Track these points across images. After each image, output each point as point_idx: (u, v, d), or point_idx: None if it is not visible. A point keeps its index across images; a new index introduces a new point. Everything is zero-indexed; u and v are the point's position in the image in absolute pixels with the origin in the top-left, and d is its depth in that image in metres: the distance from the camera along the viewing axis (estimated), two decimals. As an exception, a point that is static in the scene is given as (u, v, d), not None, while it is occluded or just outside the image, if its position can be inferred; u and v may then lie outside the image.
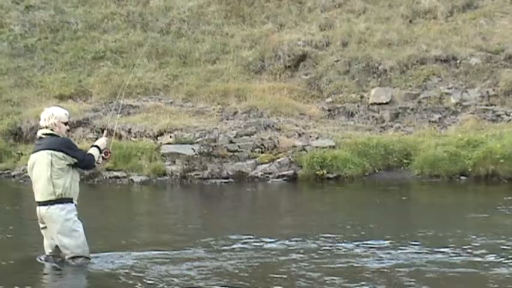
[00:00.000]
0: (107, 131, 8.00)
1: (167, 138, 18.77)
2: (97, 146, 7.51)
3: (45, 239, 7.40)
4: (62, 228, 7.14)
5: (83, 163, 7.28)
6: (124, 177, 17.77)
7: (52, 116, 7.25)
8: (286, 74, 22.53)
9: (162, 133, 19.16)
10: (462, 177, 16.66)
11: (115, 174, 17.79)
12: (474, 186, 15.99)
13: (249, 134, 18.69)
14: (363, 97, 20.81)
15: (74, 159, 7.19)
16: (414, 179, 16.91)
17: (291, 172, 17.29)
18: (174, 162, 17.90)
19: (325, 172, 17.07)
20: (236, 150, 18.00)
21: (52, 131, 7.23)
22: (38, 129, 7.40)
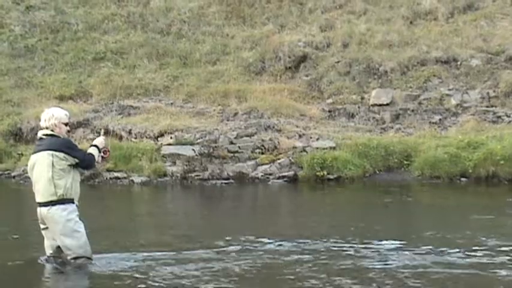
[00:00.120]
0: (104, 130, 8.03)
1: (167, 139, 18.77)
2: (96, 146, 7.51)
3: (46, 239, 7.37)
4: (64, 228, 7.12)
5: (83, 163, 7.28)
6: (124, 178, 17.76)
7: (52, 117, 7.23)
8: (286, 75, 22.53)
9: (162, 134, 19.16)
10: (462, 179, 16.64)
11: (115, 175, 17.78)
12: (474, 187, 15.96)
13: (249, 135, 18.69)
14: (363, 98, 20.81)
15: (75, 160, 7.18)
16: (414, 180, 16.90)
17: (291, 173, 17.28)
18: (174, 163, 17.89)
19: (325, 173, 17.06)
20: (236, 151, 17.99)
21: (52, 131, 7.22)
22: (38, 130, 7.39)
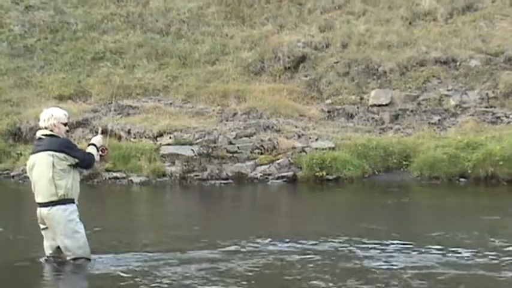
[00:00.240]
0: (101, 129, 8.07)
1: (167, 139, 18.77)
2: (94, 144, 7.51)
3: (46, 240, 7.37)
4: (65, 229, 7.13)
5: (84, 163, 7.28)
6: (123, 178, 17.76)
7: (51, 117, 7.22)
8: (285, 75, 22.53)
9: (161, 134, 19.16)
10: (461, 179, 16.63)
11: (114, 174, 17.78)
12: (474, 188, 15.94)
13: (248, 135, 18.69)
14: (362, 99, 20.81)
15: (75, 160, 7.18)
16: (413, 180, 16.90)
17: (290, 173, 17.28)
18: (173, 163, 17.89)
19: (324, 173, 17.06)
20: (236, 152, 17.99)
21: (52, 131, 7.21)
22: (37, 130, 7.39)
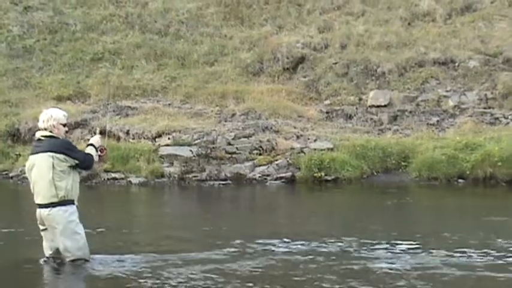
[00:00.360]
0: (99, 129, 8.07)
1: (165, 140, 18.77)
2: (92, 145, 7.51)
3: (45, 241, 7.36)
4: (65, 230, 7.12)
5: (83, 164, 7.27)
6: (122, 178, 17.74)
7: (51, 118, 7.22)
8: (284, 76, 22.54)
9: (160, 135, 19.15)
10: (460, 180, 16.62)
11: (113, 175, 17.75)
12: (472, 189, 15.92)
13: (247, 136, 18.68)
14: (361, 99, 20.81)
15: (75, 161, 7.18)
16: (412, 181, 16.89)
17: (289, 174, 17.28)
18: (172, 164, 17.88)
19: (323, 174, 17.06)
20: (234, 152, 17.99)
21: (51, 132, 7.20)
22: (36, 130, 7.38)
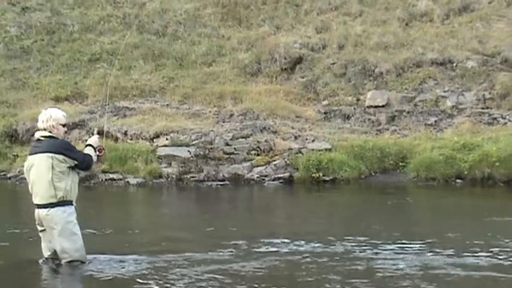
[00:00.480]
0: (97, 129, 8.08)
1: (163, 141, 18.77)
2: (91, 145, 7.50)
3: (44, 241, 7.35)
4: (63, 230, 7.10)
5: (83, 164, 7.26)
6: (120, 179, 17.73)
7: (50, 118, 7.20)
8: (282, 76, 22.54)
9: (158, 135, 19.15)
10: (458, 180, 16.63)
11: (111, 176, 17.75)
12: (470, 189, 15.93)
13: (245, 137, 18.68)
14: (359, 100, 20.82)
15: (74, 161, 7.17)
16: (410, 181, 16.89)
17: (287, 175, 17.28)
18: (170, 165, 17.88)
19: (321, 175, 17.07)
20: (232, 153, 17.99)
21: (50, 133, 7.19)
22: (36, 131, 7.36)
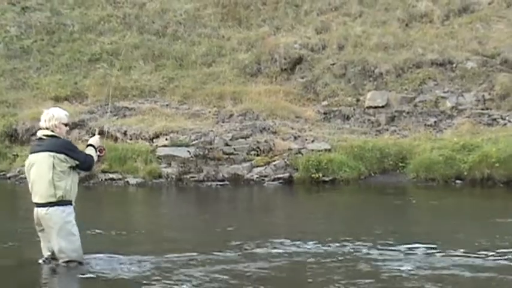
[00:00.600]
0: (98, 130, 8.07)
1: (163, 141, 18.77)
2: (92, 145, 7.49)
3: (43, 241, 7.33)
4: (61, 230, 7.09)
5: (84, 164, 7.24)
6: (119, 179, 17.74)
7: (53, 118, 7.19)
8: (282, 76, 22.54)
9: (157, 135, 19.14)
10: (458, 181, 16.64)
11: (111, 176, 17.75)
12: (470, 190, 15.94)
13: (244, 137, 18.68)
14: (358, 100, 20.83)
15: (76, 161, 7.15)
16: (410, 182, 16.90)
17: (286, 175, 17.29)
18: (169, 165, 17.88)
19: (320, 175, 17.07)
20: (232, 153, 18.00)
21: (53, 132, 7.18)
22: (38, 129, 7.35)
